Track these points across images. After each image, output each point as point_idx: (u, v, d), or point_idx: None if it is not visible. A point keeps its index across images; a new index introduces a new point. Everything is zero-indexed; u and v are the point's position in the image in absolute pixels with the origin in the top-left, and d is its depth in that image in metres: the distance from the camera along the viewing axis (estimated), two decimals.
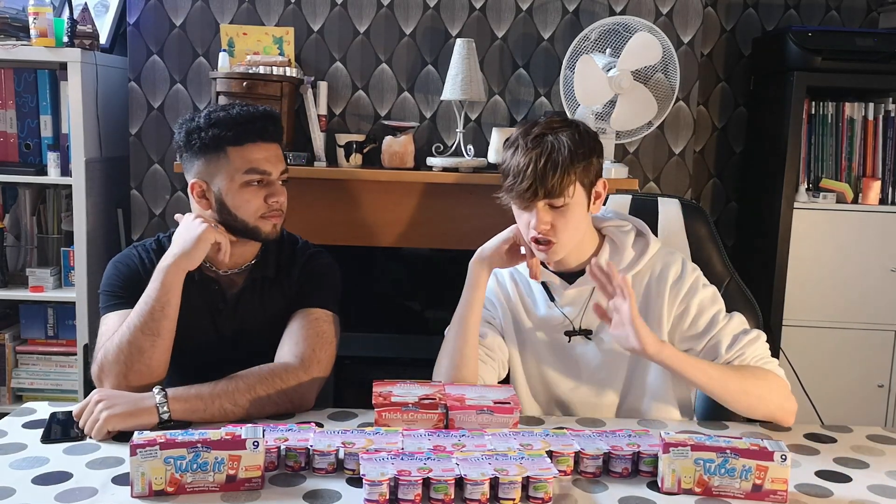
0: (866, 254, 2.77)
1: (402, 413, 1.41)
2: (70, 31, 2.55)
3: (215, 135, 1.60)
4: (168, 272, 1.57)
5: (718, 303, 1.62)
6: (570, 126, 1.57)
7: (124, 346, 1.53)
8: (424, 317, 2.99)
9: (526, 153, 1.52)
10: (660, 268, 1.63)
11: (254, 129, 1.62)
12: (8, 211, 2.71)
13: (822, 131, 2.81)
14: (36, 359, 2.71)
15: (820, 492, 1.27)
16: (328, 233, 2.52)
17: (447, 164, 2.54)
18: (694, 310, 1.59)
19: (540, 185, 1.50)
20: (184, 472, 1.19)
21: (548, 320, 1.68)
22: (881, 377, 2.82)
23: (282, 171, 1.67)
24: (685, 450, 1.23)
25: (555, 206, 1.53)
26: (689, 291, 1.60)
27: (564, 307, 1.66)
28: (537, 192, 1.51)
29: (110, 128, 2.73)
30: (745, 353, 1.55)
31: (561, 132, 1.54)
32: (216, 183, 1.63)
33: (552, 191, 1.51)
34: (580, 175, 1.54)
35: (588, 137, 1.57)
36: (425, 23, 2.69)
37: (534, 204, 1.53)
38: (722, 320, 1.59)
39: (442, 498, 1.16)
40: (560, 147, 1.51)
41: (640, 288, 1.64)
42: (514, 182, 1.53)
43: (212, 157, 1.62)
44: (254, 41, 2.65)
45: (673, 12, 2.68)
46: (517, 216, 1.61)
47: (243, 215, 1.64)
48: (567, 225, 1.56)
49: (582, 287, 1.64)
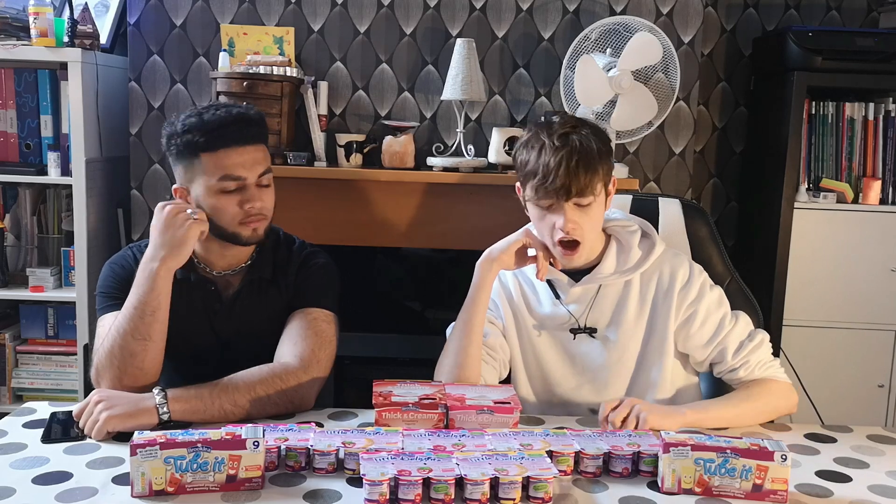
0: (867, 254, 2.77)
1: (402, 413, 1.41)
2: (70, 31, 2.54)
3: (188, 140, 1.57)
4: (158, 275, 1.53)
5: (724, 305, 1.64)
6: (586, 124, 1.59)
7: (116, 350, 1.51)
8: (424, 316, 2.99)
9: (555, 152, 1.51)
10: (668, 272, 1.64)
11: (227, 133, 1.57)
12: (8, 211, 2.71)
13: (823, 131, 2.81)
14: (36, 359, 2.71)
15: (820, 492, 1.27)
16: (328, 233, 2.52)
17: (447, 164, 2.54)
18: (701, 314, 1.62)
19: (573, 184, 1.50)
20: (184, 472, 1.19)
21: (552, 318, 1.68)
22: (881, 377, 2.82)
23: (261, 173, 1.61)
24: (685, 450, 1.23)
25: (581, 206, 1.54)
26: (696, 297, 1.63)
27: (570, 305, 1.66)
28: (570, 191, 1.51)
29: (111, 128, 2.73)
30: (749, 361, 1.60)
31: (581, 130, 1.55)
32: (194, 189, 1.61)
33: (584, 189, 1.51)
34: (604, 174, 1.55)
35: (605, 136, 1.60)
36: (425, 23, 2.69)
37: (562, 203, 1.53)
38: (728, 324, 1.62)
39: (442, 498, 1.16)
40: (589, 145, 1.52)
41: (648, 288, 1.65)
42: (543, 181, 1.52)
43: (188, 164, 1.60)
44: (254, 41, 2.65)
45: (673, 12, 2.68)
46: (538, 219, 1.60)
47: (221, 222, 1.61)
48: (592, 224, 1.57)
49: (588, 285, 1.64)
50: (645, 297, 1.65)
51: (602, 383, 1.67)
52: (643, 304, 1.65)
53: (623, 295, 1.65)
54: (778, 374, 1.62)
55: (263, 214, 1.64)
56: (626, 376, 1.67)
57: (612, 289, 1.65)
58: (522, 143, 1.60)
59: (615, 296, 1.66)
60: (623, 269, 1.64)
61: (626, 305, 1.65)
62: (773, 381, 1.60)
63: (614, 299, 1.65)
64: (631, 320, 1.65)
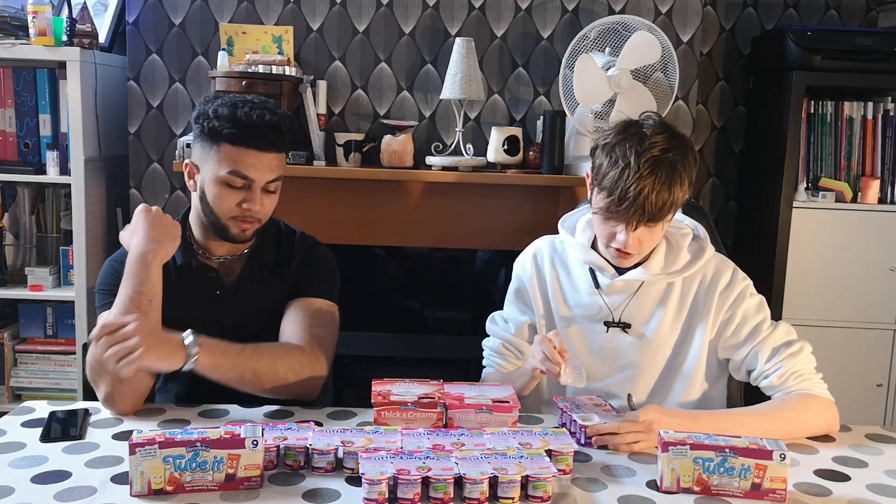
0: (865, 253, 2.77)
1: (401, 412, 1.41)
2: (69, 29, 2.54)
3: (215, 127, 1.58)
4: (153, 264, 1.54)
5: (764, 311, 1.61)
6: (675, 142, 1.50)
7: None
8: (424, 315, 2.99)
9: (639, 180, 1.44)
10: (711, 273, 1.63)
11: (253, 135, 1.58)
12: (7, 210, 2.70)
13: (822, 130, 2.81)
14: (35, 358, 2.71)
15: (819, 491, 1.27)
16: (327, 232, 2.50)
17: (446, 164, 2.53)
18: (739, 317, 1.59)
19: (647, 213, 1.47)
20: (183, 471, 1.19)
21: (587, 307, 1.66)
22: (880, 376, 2.82)
23: (270, 179, 1.62)
24: (684, 449, 1.23)
25: (648, 226, 1.51)
26: (736, 299, 1.60)
27: (607, 296, 1.65)
28: (643, 218, 1.48)
29: (109, 127, 2.72)
30: (783, 368, 1.53)
31: (671, 153, 1.47)
32: (204, 170, 1.63)
33: (656, 216, 1.48)
34: (682, 199, 1.51)
35: (691, 157, 1.52)
36: (424, 22, 2.69)
37: (633, 225, 1.50)
38: (766, 330, 1.57)
39: (441, 497, 1.16)
40: (672, 174, 1.47)
41: (690, 292, 1.63)
42: (619, 204, 1.47)
43: (206, 146, 1.61)
44: (253, 40, 2.65)
45: (672, 11, 2.68)
46: (600, 222, 1.56)
47: (216, 210, 1.63)
48: (653, 240, 1.56)
49: (631, 280, 1.62)
50: (685, 300, 1.62)
51: (629, 380, 1.64)
52: (682, 306, 1.62)
53: (665, 295, 1.63)
54: (817, 388, 1.52)
55: (258, 218, 1.64)
56: (654, 376, 1.64)
57: (654, 287, 1.63)
58: (608, 146, 1.52)
59: (656, 294, 1.63)
60: (669, 269, 1.61)
61: (666, 306, 1.62)
62: (812, 397, 1.51)
63: (655, 298, 1.63)
64: (668, 321, 1.62)
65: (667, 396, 1.64)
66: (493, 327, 1.78)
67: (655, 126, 1.52)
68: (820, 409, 1.51)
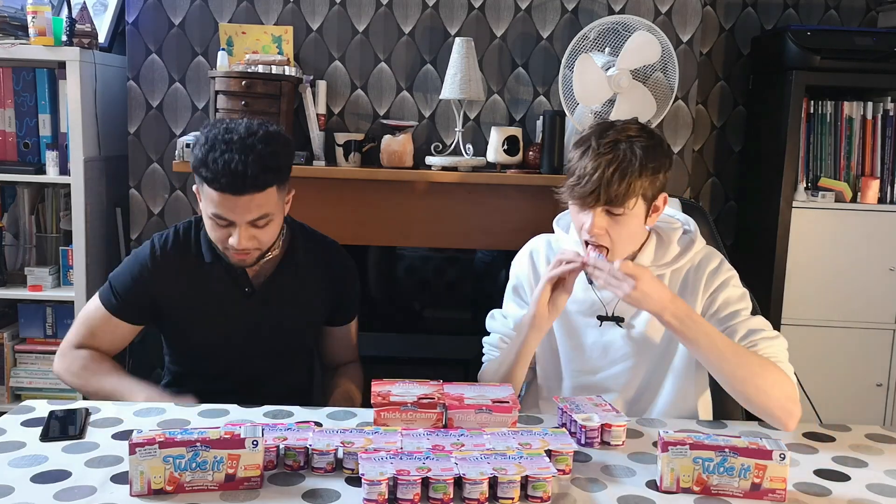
0: (865, 253, 2.77)
1: (400, 412, 1.41)
2: (69, 29, 2.54)
3: (196, 167, 1.57)
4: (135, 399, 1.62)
5: (746, 302, 1.62)
6: (646, 136, 1.54)
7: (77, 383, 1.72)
8: (423, 316, 2.99)
9: (595, 158, 1.50)
10: (699, 259, 1.65)
11: (224, 181, 1.52)
12: (7, 210, 2.70)
13: (821, 130, 2.81)
14: (34, 358, 2.71)
15: (819, 490, 1.27)
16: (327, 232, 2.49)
17: (446, 164, 2.53)
18: (720, 300, 1.61)
19: (603, 192, 1.49)
20: (183, 471, 1.19)
21: (581, 303, 1.68)
22: (880, 376, 2.82)
23: (254, 218, 1.57)
24: (684, 448, 1.23)
25: (613, 214, 1.53)
26: (721, 284, 1.62)
27: (602, 291, 1.66)
28: (599, 198, 1.50)
29: (109, 127, 2.72)
30: (757, 346, 1.53)
31: (636, 142, 1.52)
32: (201, 200, 1.64)
33: (614, 200, 1.50)
34: (644, 189, 1.53)
35: (660, 152, 1.55)
36: (424, 22, 2.69)
37: (592, 208, 1.52)
38: (743, 315, 1.59)
39: (441, 497, 1.16)
40: (631, 158, 1.50)
41: (677, 282, 1.65)
42: (576, 183, 1.51)
43: (198, 180, 1.60)
44: (253, 40, 2.65)
45: (672, 11, 2.68)
46: (574, 213, 1.60)
47: (213, 241, 1.66)
48: (621, 234, 1.56)
49: None
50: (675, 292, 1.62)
51: (623, 373, 1.67)
52: None
53: None
54: (787, 371, 1.52)
55: (247, 251, 1.62)
56: (647, 368, 1.67)
57: None
58: (578, 139, 1.58)
59: None
60: (659, 262, 1.63)
61: None
62: (779, 369, 1.50)
63: None
64: None
65: (659, 389, 1.66)
66: (493, 323, 1.79)
67: (630, 121, 1.58)
68: (781, 381, 1.49)
